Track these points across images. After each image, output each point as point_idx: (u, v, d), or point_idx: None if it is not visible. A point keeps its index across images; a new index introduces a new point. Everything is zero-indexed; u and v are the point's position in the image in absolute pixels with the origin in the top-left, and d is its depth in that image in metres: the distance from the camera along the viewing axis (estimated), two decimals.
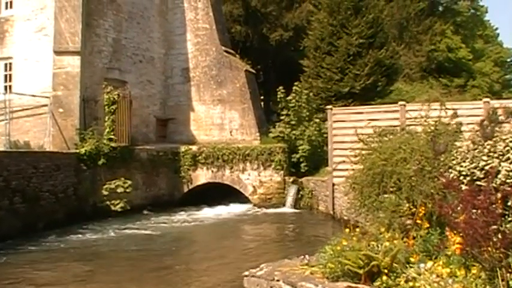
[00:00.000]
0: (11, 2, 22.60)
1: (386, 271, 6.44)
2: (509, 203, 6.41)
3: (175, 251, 14.77)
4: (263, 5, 35.94)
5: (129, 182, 20.65)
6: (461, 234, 6.25)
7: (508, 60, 58.13)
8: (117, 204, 20.15)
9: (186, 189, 24.45)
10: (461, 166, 7.25)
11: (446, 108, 10.17)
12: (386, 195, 8.94)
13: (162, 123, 27.21)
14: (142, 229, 18.02)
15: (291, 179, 23.27)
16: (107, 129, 20.98)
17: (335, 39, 26.38)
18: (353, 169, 10.17)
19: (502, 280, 5.63)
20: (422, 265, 6.57)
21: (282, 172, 23.42)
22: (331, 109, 19.93)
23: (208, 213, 21.82)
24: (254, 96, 27.50)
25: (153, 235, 16.98)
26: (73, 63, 20.97)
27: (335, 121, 19.47)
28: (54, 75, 20.98)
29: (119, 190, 20.25)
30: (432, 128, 9.51)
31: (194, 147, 24.71)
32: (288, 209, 22.36)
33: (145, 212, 21.46)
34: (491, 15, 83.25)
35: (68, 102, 20.88)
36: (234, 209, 22.99)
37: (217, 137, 26.79)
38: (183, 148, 24.60)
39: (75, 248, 14.76)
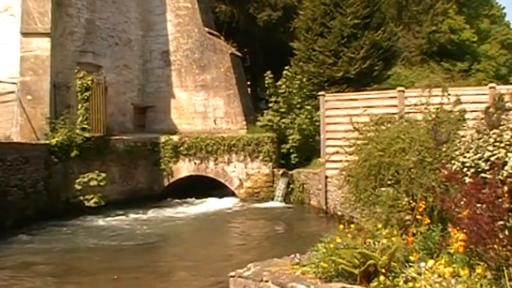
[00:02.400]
0: None
1: (383, 271, 6.41)
2: None
3: (154, 250, 14.77)
4: None
5: (103, 175, 20.54)
6: (464, 231, 6.22)
7: None
8: (91, 199, 20.06)
9: (166, 183, 24.50)
10: (465, 157, 7.22)
11: (449, 95, 10.15)
12: (383, 189, 8.87)
13: (140, 112, 27.20)
14: (118, 226, 17.96)
15: (281, 172, 23.36)
16: (80, 118, 20.90)
17: (328, 19, 26.33)
18: (347, 160, 10.08)
19: (510, 280, 5.61)
20: (422, 264, 6.54)
21: (270, 164, 23.56)
22: (323, 95, 19.95)
23: (191, 209, 21.78)
24: (240, 81, 27.44)
25: (130, 233, 16.91)
26: (42, 46, 20.79)
27: (328, 108, 19.51)
28: (21, 59, 20.78)
29: (92, 183, 20.16)
30: (433, 115, 9.47)
31: (175, 137, 24.70)
32: (277, 203, 22.47)
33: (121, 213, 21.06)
34: None
35: (37, 89, 20.67)
36: (219, 203, 22.99)
37: (201, 126, 26.73)
38: (163, 138, 24.57)
39: (43, 249, 14.61)
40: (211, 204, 22.81)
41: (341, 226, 8.08)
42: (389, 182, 8.80)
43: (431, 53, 39.89)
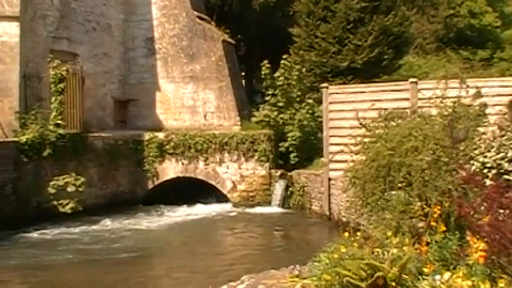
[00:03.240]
0: None
1: (394, 284, 6.40)
2: None
3: (135, 264, 14.71)
4: None
5: (82, 179, 20.42)
6: (485, 240, 6.20)
7: None
8: (67, 204, 19.81)
9: (151, 186, 24.52)
10: (486, 157, 7.20)
11: (467, 87, 10.13)
12: (393, 192, 8.88)
13: (121, 106, 27.12)
14: (96, 236, 17.90)
15: (279, 173, 23.41)
16: (54, 113, 20.76)
17: (332, 2, 26.11)
18: (353, 160, 10.15)
19: None
20: (437, 277, 6.50)
21: (267, 164, 23.62)
22: (327, 88, 19.94)
23: (178, 215, 21.81)
24: (233, 72, 27.39)
25: (110, 243, 16.82)
26: (10, 32, 20.61)
27: (332, 102, 19.50)
28: None
29: (69, 189, 19.98)
30: (450, 110, 9.45)
31: (161, 135, 24.67)
32: (274, 208, 22.58)
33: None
34: None
35: (4, 80, 20.53)
36: (210, 209, 23.00)
37: (189, 121, 26.73)
38: (147, 135, 24.56)
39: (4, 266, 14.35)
40: (201, 210, 22.79)
41: (346, 234, 8.11)
42: (400, 185, 8.81)
43: (448, 39, 39.44)
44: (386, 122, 10.12)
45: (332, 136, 19.14)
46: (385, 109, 10.73)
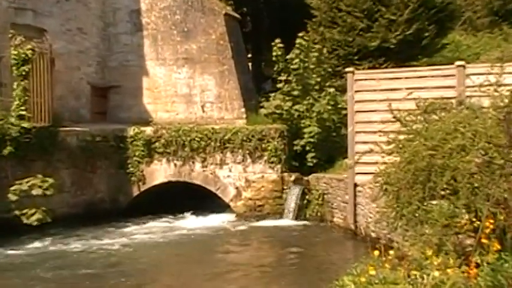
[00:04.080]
0: None
1: None
2: None
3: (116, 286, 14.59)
4: None
5: (50, 181, 19.83)
6: None
7: None
8: (32, 215, 19.22)
9: (136, 192, 24.44)
10: None
11: None
12: (434, 202, 8.81)
13: (100, 94, 27.12)
14: (66, 255, 17.78)
15: (293, 177, 23.33)
16: (16, 102, 20.59)
17: None
18: (385, 162, 10.04)
19: None
20: None
21: (279, 166, 23.46)
22: (352, 73, 19.70)
23: (169, 229, 21.69)
24: (238, 53, 27.27)
25: (85, 265, 16.60)
26: None
27: (358, 91, 19.38)
28: None
29: (35, 192, 19.44)
30: (506, 101, 9.35)
31: (148, 129, 24.56)
32: (287, 221, 22.44)
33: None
34: None
35: None
36: (208, 221, 22.95)
37: (183, 114, 26.70)
38: (131, 131, 24.43)
39: None
40: (197, 222, 22.72)
41: (376, 252, 8.08)
42: (442, 193, 8.74)
43: (504, 12, 38.61)
44: (426, 115, 10.03)
45: (359, 132, 19.05)
46: (425, 99, 10.56)
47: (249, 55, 34.35)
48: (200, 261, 17.46)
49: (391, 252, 8.14)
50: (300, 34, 24.66)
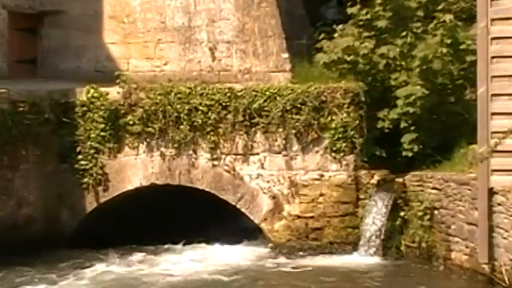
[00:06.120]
0: None
1: None
2: None
3: None
4: None
5: None
6: None
7: None
8: None
9: (91, 206, 18.73)
10: None
11: None
12: None
13: (25, 27, 22.20)
14: None
15: (376, 178, 18.08)
16: None
17: None
18: None
19: None
20: None
21: (351, 158, 18.01)
22: None
23: (149, 274, 16.11)
24: None
25: None
26: None
27: (499, 19, 14.82)
28: None
29: None
30: None
31: (115, 91, 18.84)
32: (367, 257, 17.36)
33: None
34: None
35: None
36: (220, 257, 17.55)
37: (178, 62, 20.90)
38: (83, 94, 18.68)
39: None
40: (200, 262, 17.17)
41: None
42: None
43: None
44: None
45: (497, 96, 14.65)
46: None
47: None
48: None
49: None
50: None
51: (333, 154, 17.90)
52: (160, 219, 19.27)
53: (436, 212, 17.21)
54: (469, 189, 15.66)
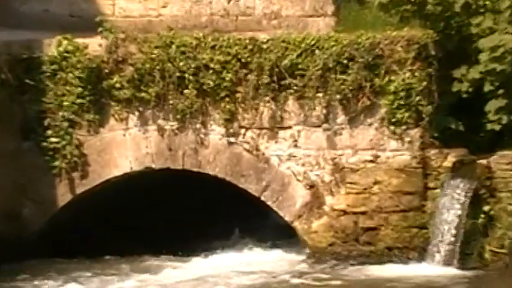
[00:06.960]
0: None
1: None
2: None
3: None
4: None
5: None
6: None
7: None
8: None
9: (65, 199, 16.57)
10: None
11: None
12: None
13: None
14: None
15: (449, 159, 16.34)
16: None
17: None
18: None
19: None
20: None
21: (415, 133, 16.18)
22: None
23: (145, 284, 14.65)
24: None
25: None
26: None
27: None
28: None
29: None
30: None
31: (95, 43, 16.91)
32: (439, 268, 15.55)
33: None
34: None
35: None
36: (238, 266, 15.78)
37: (180, 4, 18.70)
38: (55, 46, 16.59)
39: None
40: (212, 271, 15.23)
41: None
42: None
43: None
44: None
45: None
46: None
47: None
48: None
49: None
50: None
51: (392, 127, 15.62)
52: (156, 216, 17.31)
53: None
54: None
